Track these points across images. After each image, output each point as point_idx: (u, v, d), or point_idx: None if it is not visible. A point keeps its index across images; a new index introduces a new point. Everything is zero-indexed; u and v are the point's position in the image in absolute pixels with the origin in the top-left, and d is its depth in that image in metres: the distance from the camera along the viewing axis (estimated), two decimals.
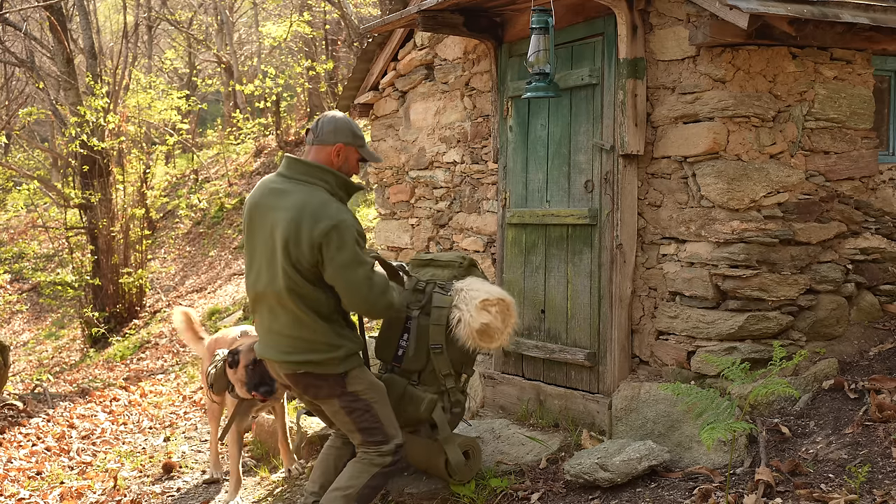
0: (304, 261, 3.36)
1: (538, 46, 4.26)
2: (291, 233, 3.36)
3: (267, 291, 3.49)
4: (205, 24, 24.68)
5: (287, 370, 3.56)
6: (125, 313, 14.36)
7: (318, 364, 3.48)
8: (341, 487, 3.56)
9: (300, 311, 3.43)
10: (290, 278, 3.38)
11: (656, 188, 4.39)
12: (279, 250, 3.40)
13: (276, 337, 3.53)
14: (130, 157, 15.65)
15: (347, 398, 3.52)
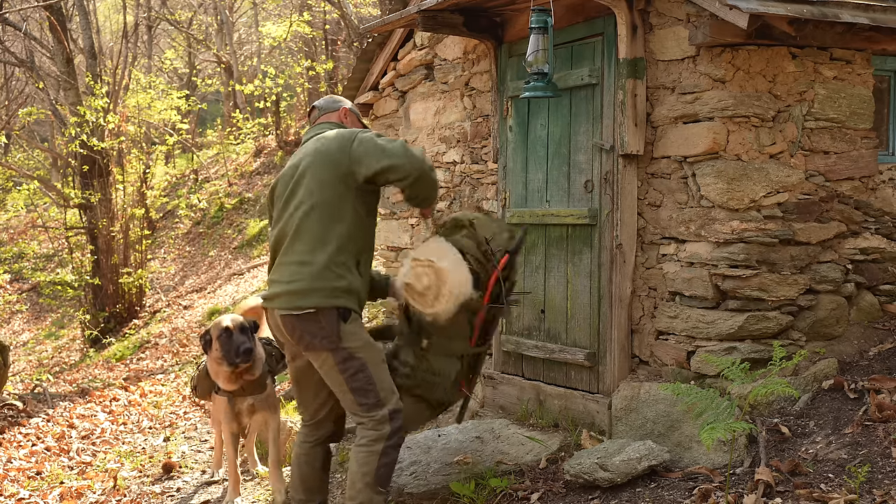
0: (330, 175, 3.47)
1: (537, 46, 4.26)
2: (318, 156, 3.52)
3: (289, 224, 3.53)
4: (205, 24, 24.68)
5: (287, 308, 3.48)
6: (125, 313, 14.36)
7: (319, 292, 3.42)
8: (359, 475, 3.50)
9: (318, 230, 3.46)
10: (314, 196, 3.48)
11: (656, 188, 4.39)
12: (307, 176, 3.52)
13: (285, 269, 3.51)
14: (130, 157, 15.65)
15: (342, 353, 3.46)
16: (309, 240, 3.48)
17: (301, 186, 3.54)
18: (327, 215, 3.48)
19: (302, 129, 20.12)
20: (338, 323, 3.45)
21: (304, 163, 3.57)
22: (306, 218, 3.50)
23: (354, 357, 3.48)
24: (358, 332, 3.52)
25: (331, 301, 3.44)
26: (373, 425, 3.50)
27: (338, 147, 3.51)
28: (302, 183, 3.55)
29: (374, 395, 3.49)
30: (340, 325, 3.45)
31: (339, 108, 3.86)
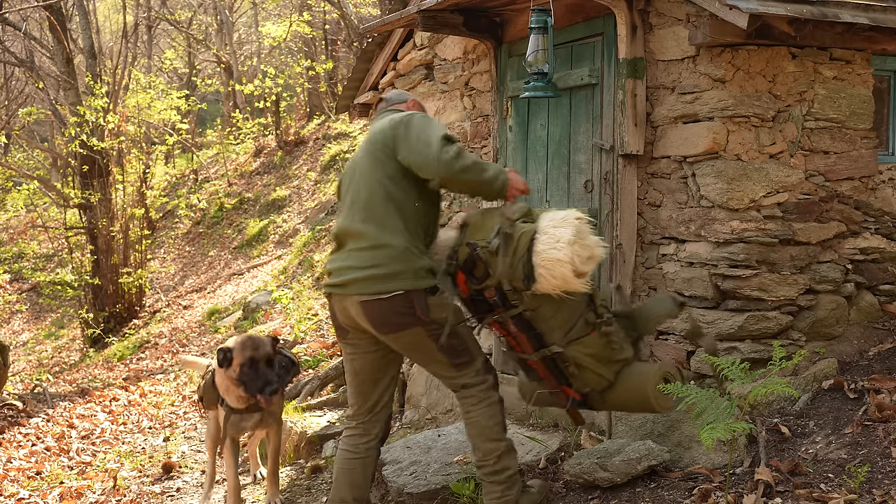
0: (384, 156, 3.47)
1: (537, 46, 4.26)
2: (375, 138, 3.53)
3: (354, 210, 3.52)
4: (204, 24, 24.69)
5: (370, 293, 3.41)
6: (125, 313, 14.36)
7: (405, 274, 3.38)
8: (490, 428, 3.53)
9: (389, 217, 3.43)
10: (381, 183, 3.45)
11: (656, 188, 4.39)
12: (366, 160, 3.53)
13: (358, 254, 3.46)
14: (130, 156, 15.65)
15: (433, 325, 3.43)
16: (382, 223, 3.45)
17: (367, 175, 3.53)
18: (396, 199, 3.45)
19: (302, 129, 20.12)
20: (426, 299, 3.42)
21: (364, 148, 3.60)
22: (374, 201, 3.47)
23: (443, 324, 3.46)
24: (442, 301, 3.47)
25: (418, 283, 3.41)
26: (475, 379, 3.55)
27: (390, 126, 3.51)
28: (367, 172, 3.54)
29: (467, 352, 3.54)
30: (428, 300, 3.43)
31: (408, 100, 3.86)
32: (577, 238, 3.31)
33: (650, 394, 3.46)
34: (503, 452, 3.57)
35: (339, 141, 17.37)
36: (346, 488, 3.73)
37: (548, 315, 3.46)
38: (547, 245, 3.33)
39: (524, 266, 3.36)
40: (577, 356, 3.49)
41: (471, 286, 3.52)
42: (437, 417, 5.72)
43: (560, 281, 3.32)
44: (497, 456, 3.56)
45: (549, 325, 3.47)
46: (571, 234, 3.30)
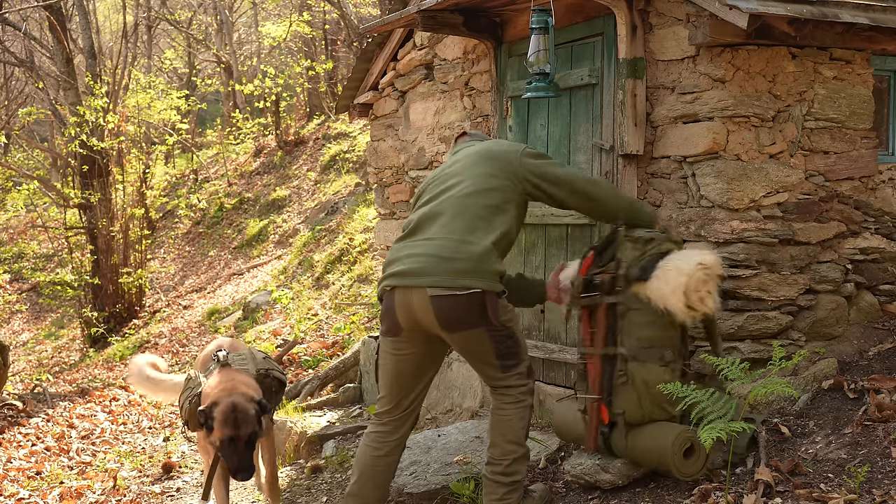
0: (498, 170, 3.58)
1: (538, 46, 4.26)
2: (484, 153, 3.67)
3: (445, 204, 3.54)
4: (204, 24, 24.69)
5: (446, 287, 3.39)
6: (125, 313, 14.37)
7: (485, 274, 3.42)
8: (514, 442, 3.58)
9: (481, 213, 3.48)
10: (481, 184, 3.54)
11: (656, 188, 4.39)
12: (473, 168, 3.62)
13: (435, 244, 3.46)
14: (130, 156, 15.66)
15: (497, 328, 3.47)
16: (471, 220, 3.48)
17: (465, 176, 3.60)
18: (492, 205, 3.52)
19: (302, 129, 20.12)
20: (496, 302, 3.46)
21: (470, 159, 3.67)
22: (469, 199, 3.52)
23: (506, 327, 3.52)
24: (507, 305, 3.55)
25: (495, 286, 3.45)
26: (518, 381, 3.60)
27: (508, 147, 3.68)
28: (466, 173, 3.61)
29: (518, 356, 3.58)
30: (498, 303, 3.47)
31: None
32: (706, 276, 3.51)
33: (670, 453, 3.47)
34: (519, 457, 3.59)
35: (339, 141, 17.37)
36: (370, 488, 3.69)
37: (637, 321, 3.60)
38: (679, 259, 3.56)
39: (648, 262, 3.59)
40: (634, 372, 3.57)
41: (591, 270, 3.72)
42: (437, 417, 5.72)
43: (669, 291, 3.49)
44: (512, 459, 3.57)
45: (632, 330, 3.61)
46: (704, 272, 3.51)
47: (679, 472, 3.48)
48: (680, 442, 3.44)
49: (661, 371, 3.57)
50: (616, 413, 3.61)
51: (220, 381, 4.06)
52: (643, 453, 3.58)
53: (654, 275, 3.54)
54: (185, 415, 4.10)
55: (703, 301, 3.51)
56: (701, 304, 3.51)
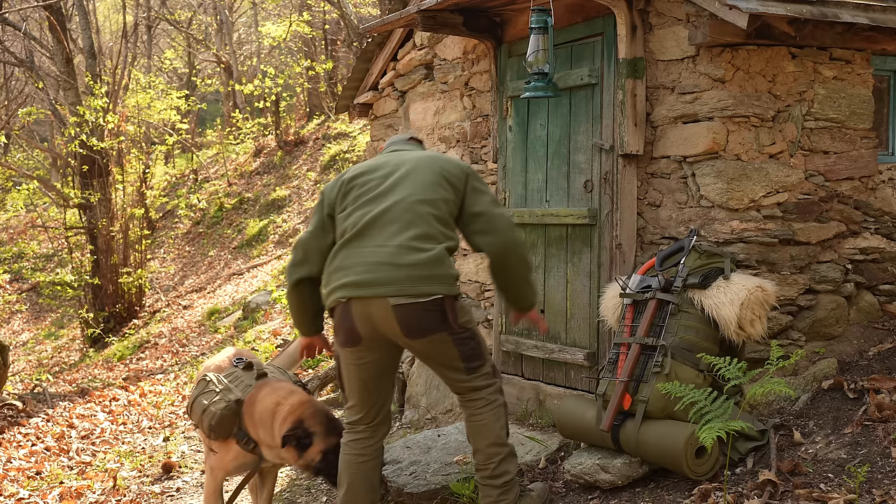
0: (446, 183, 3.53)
1: (537, 46, 4.26)
2: (432, 162, 3.60)
3: (393, 210, 3.45)
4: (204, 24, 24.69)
5: (409, 296, 3.35)
6: (124, 313, 14.36)
7: (444, 279, 3.39)
8: (496, 444, 3.54)
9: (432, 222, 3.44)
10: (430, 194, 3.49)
11: (656, 188, 4.39)
12: (419, 174, 3.54)
13: (388, 251, 3.39)
14: (130, 156, 15.65)
15: (457, 330, 3.45)
16: (424, 227, 3.43)
17: (414, 182, 3.52)
18: (440, 216, 3.48)
19: (302, 129, 20.12)
20: (455, 306, 3.45)
21: (415, 164, 3.59)
22: (420, 207, 3.45)
23: (468, 329, 3.51)
24: (465, 306, 3.55)
25: (454, 289, 3.45)
26: (485, 382, 3.57)
27: (457, 168, 3.61)
28: (415, 179, 3.53)
29: (482, 356, 3.57)
30: (457, 306, 3.47)
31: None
32: (763, 299, 3.71)
33: (683, 452, 3.49)
34: (504, 457, 3.57)
35: (339, 141, 17.38)
36: (363, 492, 3.66)
37: (684, 323, 3.76)
38: (741, 277, 3.78)
39: (710, 272, 3.79)
40: (670, 367, 3.63)
41: (650, 272, 3.95)
42: (437, 417, 5.72)
43: (727, 301, 3.68)
44: (498, 461, 3.55)
45: (677, 330, 3.74)
46: (763, 294, 3.72)
47: (691, 470, 3.50)
48: (694, 440, 3.45)
49: (694, 374, 3.65)
50: (639, 400, 3.65)
51: (282, 393, 3.91)
52: (654, 448, 3.59)
53: (715, 284, 3.73)
54: (213, 420, 3.88)
55: (752, 323, 3.67)
56: (750, 325, 3.67)
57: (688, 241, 3.97)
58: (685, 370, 3.64)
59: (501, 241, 3.55)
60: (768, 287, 3.76)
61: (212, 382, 4.02)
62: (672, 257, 4.00)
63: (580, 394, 4.49)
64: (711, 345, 3.75)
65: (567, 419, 4.00)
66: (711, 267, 3.85)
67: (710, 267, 3.85)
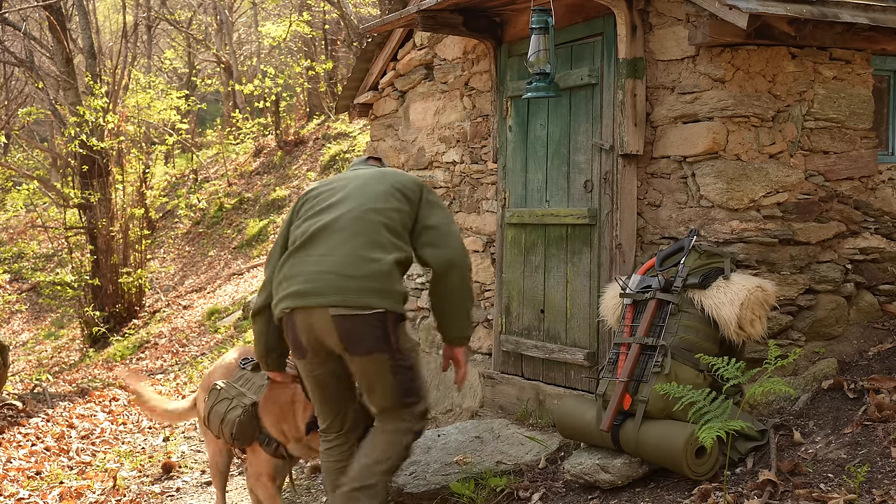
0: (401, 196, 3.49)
1: (538, 46, 4.26)
2: (387, 177, 3.57)
3: (344, 218, 3.39)
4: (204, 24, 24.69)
5: (350, 307, 3.25)
6: (124, 313, 14.36)
7: (390, 294, 3.28)
8: (379, 460, 3.41)
9: (383, 233, 3.37)
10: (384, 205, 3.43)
11: (656, 188, 4.39)
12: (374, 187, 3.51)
13: (336, 260, 3.30)
14: (130, 156, 15.65)
15: (397, 356, 3.35)
16: (374, 237, 3.35)
17: (365, 193, 3.48)
18: (392, 227, 3.42)
19: (302, 129, 20.12)
20: (399, 326, 3.35)
21: (368, 179, 3.57)
22: (371, 216, 3.39)
23: (407, 358, 3.41)
24: (410, 333, 3.49)
25: (398, 307, 3.34)
26: (410, 419, 3.48)
27: (411, 181, 3.59)
28: (366, 190, 3.49)
29: (418, 392, 3.48)
30: (400, 328, 3.37)
31: None
32: (763, 299, 3.71)
33: (683, 451, 3.48)
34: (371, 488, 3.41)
35: (339, 141, 17.37)
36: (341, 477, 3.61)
37: (684, 323, 3.75)
38: (741, 277, 3.77)
39: (710, 272, 3.78)
40: (669, 367, 3.62)
41: (650, 272, 3.95)
42: (437, 417, 5.72)
43: (727, 301, 3.68)
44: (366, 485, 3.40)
45: (677, 330, 3.73)
46: (763, 294, 3.71)
47: (691, 471, 3.50)
48: (694, 441, 3.45)
49: (694, 374, 3.64)
50: (639, 400, 3.64)
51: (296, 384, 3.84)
52: (654, 448, 3.59)
53: (715, 284, 3.73)
54: (232, 428, 3.87)
55: (752, 323, 3.67)
56: (750, 325, 3.67)
57: (688, 241, 3.97)
58: (685, 370, 3.64)
59: (448, 256, 3.48)
60: (768, 287, 3.76)
61: (223, 390, 3.98)
62: (672, 257, 4.00)
63: (580, 394, 4.48)
64: (711, 345, 3.75)
65: (567, 419, 3.99)
66: (711, 267, 3.85)
67: (710, 267, 3.85)
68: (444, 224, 3.54)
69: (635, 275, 4.03)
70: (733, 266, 3.89)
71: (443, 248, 3.49)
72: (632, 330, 3.86)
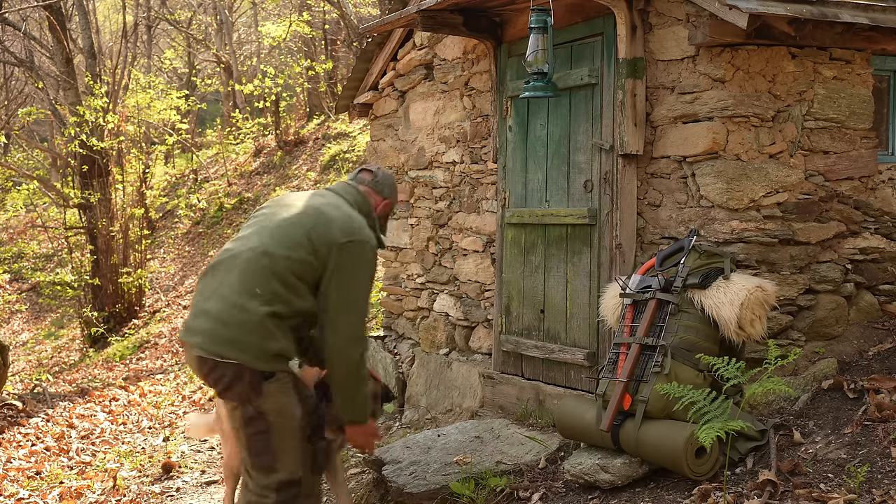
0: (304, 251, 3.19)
1: (537, 46, 4.26)
2: (318, 217, 3.25)
3: (243, 254, 3.21)
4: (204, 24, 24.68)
5: (207, 352, 3.15)
6: (124, 313, 14.35)
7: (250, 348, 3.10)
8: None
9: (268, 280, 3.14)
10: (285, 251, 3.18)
11: (655, 188, 4.39)
12: (292, 226, 3.24)
13: (216, 303, 3.17)
14: (130, 156, 15.65)
15: (250, 410, 3.17)
16: (252, 283, 3.15)
17: (271, 231, 3.26)
18: (284, 279, 3.17)
19: (302, 129, 20.11)
20: (260, 382, 3.15)
21: (296, 215, 3.29)
22: (263, 262, 3.17)
23: (263, 418, 3.18)
24: (276, 395, 3.18)
25: (259, 363, 3.13)
26: (257, 489, 3.24)
27: (329, 238, 3.21)
28: (275, 228, 3.26)
29: (270, 459, 3.21)
30: (262, 384, 3.15)
31: (387, 199, 3.55)
32: (763, 299, 3.72)
33: (683, 451, 3.48)
34: None
35: (339, 141, 17.37)
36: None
37: (684, 323, 3.75)
38: (741, 277, 3.78)
39: (710, 272, 3.78)
40: (669, 367, 3.62)
41: (650, 272, 3.95)
42: (437, 417, 5.72)
43: (727, 301, 3.68)
44: None
45: (677, 330, 3.74)
46: (763, 294, 3.72)
47: (691, 471, 3.50)
48: (694, 441, 3.45)
49: (694, 374, 3.64)
50: (639, 400, 3.64)
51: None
52: (654, 449, 3.58)
53: (715, 284, 3.73)
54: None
55: (752, 323, 3.68)
56: (750, 325, 3.68)
57: (688, 241, 3.97)
58: (685, 370, 3.64)
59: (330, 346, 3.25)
60: (768, 287, 3.76)
61: None
62: (672, 257, 4.00)
63: (580, 394, 4.48)
64: (711, 345, 3.75)
65: (567, 419, 3.99)
66: (711, 267, 3.85)
67: (710, 267, 3.85)
68: (337, 307, 3.21)
69: (635, 275, 4.03)
70: (733, 266, 3.89)
71: (328, 335, 3.23)
72: (632, 330, 3.86)
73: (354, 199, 3.45)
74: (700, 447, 3.47)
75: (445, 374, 5.79)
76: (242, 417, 3.21)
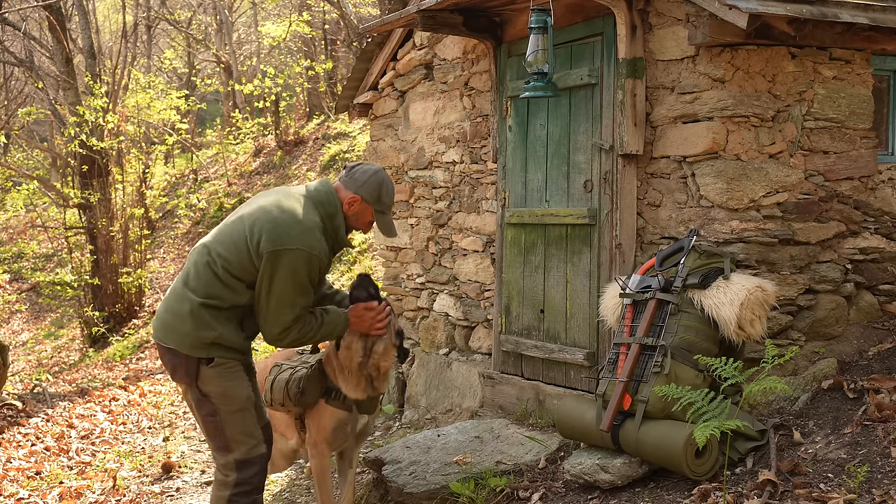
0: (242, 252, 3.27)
1: (537, 46, 4.26)
2: (255, 222, 3.28)
3: (196, 250, 3.39)
4: (204, 24, 24.68)
5: (157, 338, 3.40)
6: (124, 313, 14.35)
7: (184, 337, 3.28)
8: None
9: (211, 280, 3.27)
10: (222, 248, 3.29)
11: (655, 188, 4.39)
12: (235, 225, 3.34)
13: (170, 295, 3.40)
14: (129, 156, 15.64)
15: (196, 392, 3.35)
16: (193, 275, 3.33)
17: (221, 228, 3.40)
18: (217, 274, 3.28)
19: (301, 128, 20.11)
20: (197, 366, 3.31)
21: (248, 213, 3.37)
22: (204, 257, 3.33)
23: (209, 401, 3.34)
24: (217, 378, 3.32)
25: (193, 351, 3.30)
26: (219, 469, 3.43)
27: (262, 239, 3.24)
28: (225, 229, 3.37)
29: (223, 440, 3.37)
30: (200, 367, 3.31)
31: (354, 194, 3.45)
32: (763, 299, 3.72)
33: (683, 451, 3.49)
34: None
35: (339, 141, 17.37)
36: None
37: (684, 323, 3.76)
38: (741, 277, 3.78)
39: (710, 272, 3.78)
40: (667, 367, 3.63)
41: (650, 272, 3.95)
42: (437, 417, 5.72)
43: (726, 301, 3.68)
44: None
45: (677, 330, 3.74)
46: (763, 294, 3.72)
47: (691, 471, 3.51)
48: (693, 441, 3.45)
49: (693, 374, 3.65)
50: (639, 400, 3.64)
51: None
52: (654, 449, 3.58)
53: (715, 284, 3.74)
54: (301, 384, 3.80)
55: (752, 323, 3.68)
56: (750, 325, 3.68)
57: (688, 241, 3.97)
58: (685, 370, 3.64)
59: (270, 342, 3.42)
60: (768, 287, 3.76)
61: (284, 363, 3.99)
62: (672, 257, 4.00)
63: (580, 394, 4.48)
64: (711, 345, 3.75)
65: (567, 419, 3.99)
66: (711, 267, 3.85)
67: (710, 267, 3.85)
68: (267, 307, 3.30)
69: (635, 275, 4.03)
70: (733, 266, 3.89)
71: (262, 328, 3.38)
72: (632, 330, 3.86)
73: (318, 199, 3.43)
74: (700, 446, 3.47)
75: (445, 374, 5.79)
76: (192, 400, 3.40)
